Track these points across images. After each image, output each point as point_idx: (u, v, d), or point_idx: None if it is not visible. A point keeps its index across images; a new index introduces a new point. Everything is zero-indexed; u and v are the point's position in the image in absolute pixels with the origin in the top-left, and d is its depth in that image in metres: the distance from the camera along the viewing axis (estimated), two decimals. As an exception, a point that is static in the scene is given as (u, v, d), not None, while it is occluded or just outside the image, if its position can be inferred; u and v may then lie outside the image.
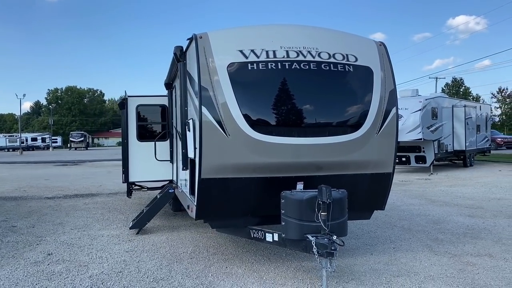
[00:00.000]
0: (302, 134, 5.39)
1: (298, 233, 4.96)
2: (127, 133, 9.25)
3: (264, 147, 5.25)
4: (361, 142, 5.55)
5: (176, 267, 6.10)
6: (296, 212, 4.96)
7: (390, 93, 5.77)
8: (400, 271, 5.73)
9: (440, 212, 9.93)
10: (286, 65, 5.34)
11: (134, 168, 9.26)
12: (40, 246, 7.52)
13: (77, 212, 11.02)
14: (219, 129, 5.19)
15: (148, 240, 7.77)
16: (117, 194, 14.67)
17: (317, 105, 5.49)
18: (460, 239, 7.44)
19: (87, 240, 7.90)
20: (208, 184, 5.31)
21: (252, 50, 5.37)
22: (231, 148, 5.24)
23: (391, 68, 5.88)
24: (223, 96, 5.21)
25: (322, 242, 4.75)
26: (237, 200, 5.59)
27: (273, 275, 5.69)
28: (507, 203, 11.20)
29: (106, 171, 25.41)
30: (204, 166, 5.23)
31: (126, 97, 9.24)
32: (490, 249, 6.74)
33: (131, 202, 12.69)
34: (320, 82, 5.46)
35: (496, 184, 15.15)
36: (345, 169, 5.62)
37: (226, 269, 5.99)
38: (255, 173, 5.39)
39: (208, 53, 5.33)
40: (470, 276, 5.49)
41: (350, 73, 5.56)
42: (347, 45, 5.75)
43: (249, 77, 5.34)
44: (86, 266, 6.27)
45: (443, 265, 5.96)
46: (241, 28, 5.83)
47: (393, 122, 5.74)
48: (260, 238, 5.64)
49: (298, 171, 5.46)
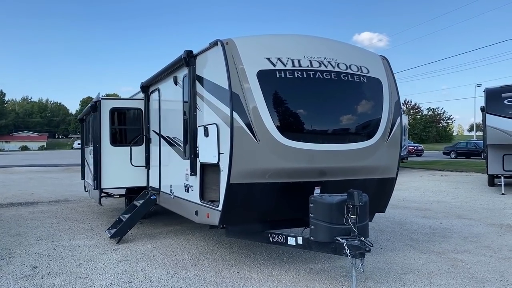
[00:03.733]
0: (327, 140, 5.63)
1: (328, 235, 5.16)
2: (100, 137, 8.82)
3: (292, 153, 5.40)
4: (374, 148, 5.93)
5: (186, 275, 5.99)
6: (327, 215, 5.16)
7: (396, 103, 6.23)
8: (403, 269, 6.17)
9: (397, 215, 10.70)
10: (310, 74, 5.54)
11: (106, 174, 8.85)
12: (14, 259, 6.92)
13: (28, 222, 10.21)
14: (250, 134, 5.25)
15: (133, 248, 7.47)
16: (59, 202, 13.80)
17: (339, 113, 5.77)
18: (432, 238, 8.13)
19: (65, 251, 7.41)
20: (237, 189, 5.32)
21: (278, 58, 5.51)
22: (261, 153, 5.32)
23: (394, 80, 6.36)
24: (254, 102, 5.28)
25: (354, 243, 5.00)
26: (260, 205, 5.66)
27: (289, 277, 5.82)
28: (447, 205, 12.35)
29: (26, 178, 23.60)
30: (233, 171, 5.24)
31: (99, 99, 8.81)
32: (464, 247, 7.46)
33: (81, 210, 12.04)
34: (341, 91, 5.75)
35: (426, 188, 16.58)
36: (358, 174, 5.95)
37: (239, 274, 6.00)
38: (280, 178, 5.51)
39: (237, 59, 5.37)
40: (465, 271, 6.07)
41: (364, 84, 5.92)
42: (359, 57, 6.12)
43: (278, 85, 5.46)
44: (88, 278, 5.92)
45: (435, 262, 6.51)
46: (265, 36, 5.92)
47: (398, 131, 6.20)
48: (281, 242, 5.75)
49: (319, 176, 5.68)
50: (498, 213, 10.89)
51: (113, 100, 9.05)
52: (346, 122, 5.87)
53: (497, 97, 13.76)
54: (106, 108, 8.85)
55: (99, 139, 8.78)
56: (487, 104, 13.91)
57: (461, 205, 12.42)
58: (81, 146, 12.86)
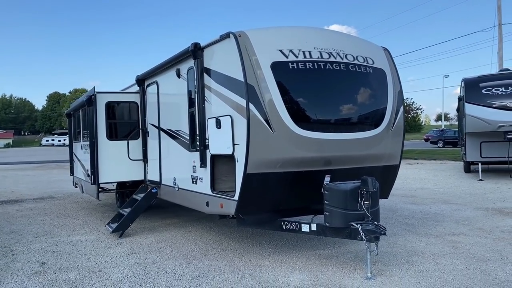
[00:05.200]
0: (338, 130, 5.80)
1: (343, 221, 5.35)
2: (96, 131, 8.73)
3: (306, 143, 5.55)
4: (381, 137, 6.14)
5: (199, 265, 6.07)
6: (341, 202, 5.35)
7: (399, 93, 6.47)
8: (408, 252, 6.44)
9: (387, 202, 10.96)
10: (321, 65, 5.70)
11: (104, 169, 8.78)
12: (18, 256, 6.84)
13: (19, 219, 10.05)
14: (266, 125, 5.36)
15: (138, 242, 7.49)
16: (44, 199, 13.58)
17: (349, 103, 5.95)
18: (426, 222, 8.47)
19: (68, 246, 7.36)
20: (253, 179, 5.43)
21: (290, 50, 5.63)
22: (277, 143, 5.44)
23: (396, 71, 6.58)
24: (269, 93, 5.39)
25: (369, 228, 5.21)
26: (274, 194, 5.80)
27: (302, 264, 5.98)
28: (431, 191, 12.81)
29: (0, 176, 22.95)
30: (250, 162, 5.34)
31: (94, 93, 8.71)
32: (458, 229, 7.82)
33: (70, 207, 11.90)
34: (349, 82, 5.93)
35: (407, 176, 17.07)
36: (365, 162, 6.16)
37: (251, 262, 6.13)
38: (293, 167, 5.65)
39: (251, 51, 5.46)
40: (466, 251, 6.39)
41: (370, 74, 6.12)
42: (364, 48, 6.31)
43: (290, 76, 5.58)
44: (101, 271, 5.93)
45: (436, 244, 6.81)
46: (275, 28, 6.02)
47: (401, 120, 6.44)
48: (295, 229, 5.90)
49: (330, 164, 5.85)
50: (481, 198, 11.38)
51: (109, 94, 8.94)
52: (355, 112, 6.05)
53: (476, 86, 14.30)
54: (102, 102, 8.77)
55: (96, 133, 8.70)
56: (466, 93, 14.44)
57: (444, 191, 12.91)
58: (69, 142, 12.64)
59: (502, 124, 13.64)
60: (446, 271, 5.53)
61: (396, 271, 5.57)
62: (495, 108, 13.75)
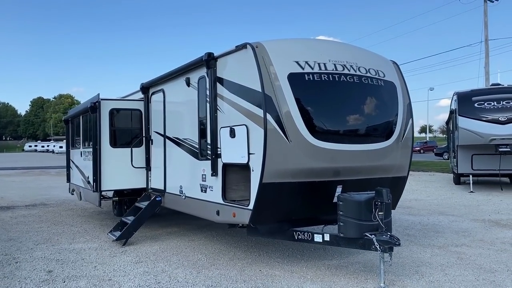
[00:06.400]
0: (352, 141, 5.89)
1: (358, 231, 5.41)
2: (100, 138, 8.67)
3: (321, 153, 5.62)
4: (391, 149, 6.25)
5: (210, 274, 6.06)
6: (356, 212, 5.41)
7: (408, 106, 6.60)
8: (415, 262, 6.52)
9: (384, 212, 11.16)
10: (336, 77, 5.79)
11: (107, 176, 8.71)
12: (22, 264, 6.74)
13: (14, 226, 9.89)
14: (282, 135, 5.42)
15: (142, 250, 7.44)
16: (37, 206, 13.38)
17: (362, 114, 6.04)
18: (427, 233, 8.59)
19: (72, 254, 7.27)
20: (268, 188, 5.47)
21: (306, 61, 5.71)
22: (292, 153, 5.50)
23: (405, 84, 6.72)
24: (285, 104, 5.45)
25: (383, 238, 5.28)
26: (288, 203, 5.84)
27: (312, 274, 6.01)
28: (425, 203, 12.98)
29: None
30: (266, 171, 5.38)
31: (98, 100, 8.67)
32: (460, 241, 7.95)
33: (65, 214, 11.76)
34: (363, 94, 6.02)
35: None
36: (375, 173, 6.24)
37: (261, 272, 6.13)
38: (308, 177, 5.70)
39: (268, 62, 5.52)
40: (472, 262, 6.50)
41: (382, 87, 6.23)
42: (375, 61, 6.43)
43: (306, 87, 5.66)
44: (111, 280, 5.88)
45: (441, 255, 6.91)
46: (291, 40, 6.10)
47: (410, 132, 6.57)
48: (307, 239, 5.93)
49: (342, 175, 5.92)
50: (475, 210, 11.58)
51: (112, 101, 8.90)
52: (368, 124, 6.15)
53: (468, 100, 14.61)
54: (106, 109, 8.72)
55: (99, 140, 8.64)
56: (459, 106, 14.73)
57: (438, 202, 13.10)
58: (67, 148, 12.51)
59: (494, 137, 13.93)
60: (456, 281, 5.63)
61: (408, 281, 5.65)
62: (487, 121, 14.04)
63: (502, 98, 14.12)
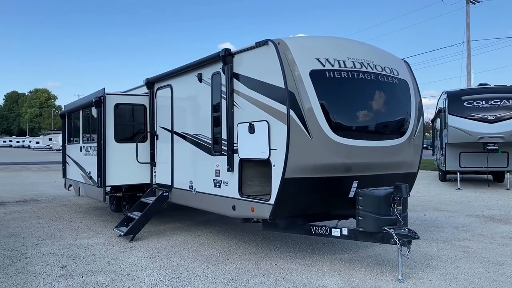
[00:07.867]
0: (370, 137, 6.03)
1: (377, 226, 5.55)
2: (104, 133, 8.60)
3: (342, 149, 5.73)
4: (404, 145, 6.41)
5: (227, 268, 6.11)
6: (376, 207, 5.55)
7: (419, 103, 6.78)
8: (425, 256, 6.71)
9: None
10: (354, 75, 5.91)
11: (111, 171, 8.65)
12: (32, 259, 6.67)
13: (12, 222, 9.74)
14: (305, 131, 5.50)
15: (152, 246, 7.43)
16: (28, 202, 13.18)
17: (379, 111, 6.18)
18: (428, 229, 8.82)
19: (80, 250, 7.22)
20: (290, 183, 5.55)
21: (326, 59, 5.81)
22: (314, 149, 5.59)
23: (416, 82, 6.89)
24: (308, 100, 5.54)
25: (402, 232, 5.44)
26: (306, 198, 5.93)
27: (328, 267, 6.13)
28: (418, 199, 13.26)
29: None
30: (288, 167, 5.46)
31: (103, 94, 8.59)
32: (461, 235, 8.20)
33: (61, 210, 11.62)
34: (379, 91, 6.15)
35: (388, 184, 17.60)
36: (389, 169, 6.40)
37: (278, 266, 6.22)
38: (327, 172, 5.81)
39: (290, 59, 5.59)
40: (478, 256, 6.73)
41: (396, 85, 6.39)
42: (389, 60, 6.58)
43: (327, 84, 5.76)
44: (130, 275, 5.87)
45: (447, 249, 7.13)
46: (311, 37, 6.21)
47: (421, 129, 6.75)
48: (325, 233, 6.05)
49: (360, 171, 6.05)
50: (467, 206, 11.93)
51: (118, 95, 8.83)
52: (384, 120, 6.30)
53: (458, 99, 14.99)
54: (111, 104, 8.65)
55: (104, 135, 8.56)
56: (449, 105, 15.10)
57: (429, 198, 13.43)
58: (63, 143, 12.32)
59: (482, 135, 14.34)
60: (469, 274, 5.83)
61: (423, 274, 5.82)
62: (476, 120, 14.45)
63: (491, 97, 14.54)
